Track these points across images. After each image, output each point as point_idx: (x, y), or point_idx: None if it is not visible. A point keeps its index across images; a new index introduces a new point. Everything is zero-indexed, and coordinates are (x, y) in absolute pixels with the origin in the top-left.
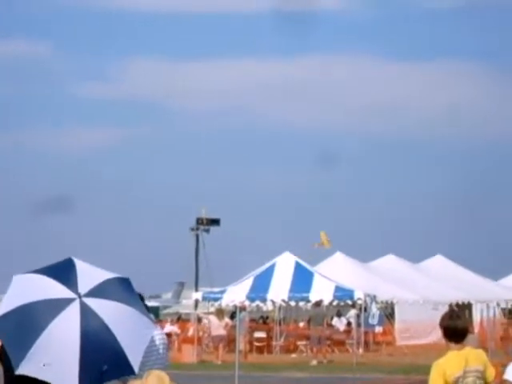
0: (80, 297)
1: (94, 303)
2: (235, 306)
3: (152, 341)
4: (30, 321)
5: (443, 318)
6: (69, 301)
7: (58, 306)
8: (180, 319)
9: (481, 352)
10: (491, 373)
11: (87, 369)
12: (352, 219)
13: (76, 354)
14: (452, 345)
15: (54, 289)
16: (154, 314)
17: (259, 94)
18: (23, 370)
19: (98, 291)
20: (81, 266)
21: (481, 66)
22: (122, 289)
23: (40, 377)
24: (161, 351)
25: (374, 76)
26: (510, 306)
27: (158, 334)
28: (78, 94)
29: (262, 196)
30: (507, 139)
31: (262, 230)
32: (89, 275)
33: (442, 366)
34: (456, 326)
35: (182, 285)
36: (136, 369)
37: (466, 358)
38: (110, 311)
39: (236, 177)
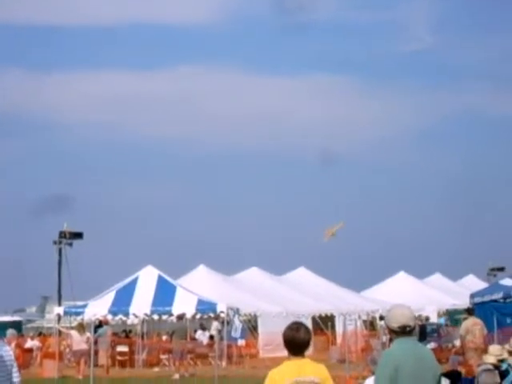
0: None
1: None
2: (97, 320)
3: (1, 358)
4: None
5: (284, 330)
6: None
7: None
8: (42, 334)
9: (321, 366)
10: None
11: None
12: (215, 232)
13: None
14: (290, 356)
15: None
16: (17, 328)
17: (118, 107)
18: None
19: None
20: None
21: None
22: None
23: None
24: (9, 368)
25: (240, 89)
26: (371, 318)
27: (7, 351)
28: None
29: (125, 210)
30: (370, 147)
31: (126, 244)
32: None
33: (273, 375)
34: (294, 337)
35: (46, 299)
36: None
37: (301, 367)
38: None
39: (99, 190)
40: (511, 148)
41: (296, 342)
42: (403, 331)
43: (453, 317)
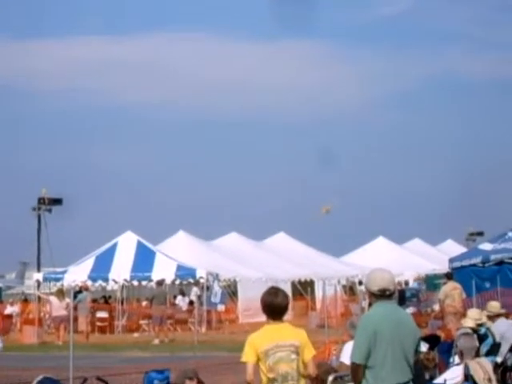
0: None
1: None
2: (77, 286)
3: None
4: None
5: (262, 295)
6: None
7: None
8: (26, 300)
9: (300, 330)
10: (309, 353)
11: None
12: (195, 198)
13: None
14: (269, 320)
15: None
16: None
17: (95, 72)
18: None
19: None
20: None
21: (327, 42)
22: None
23: None
24: None
25: (216, 55)
26: (350, 283)
27: None
28: None
29: (105, 175)
30: (352, 110)
31: (104, 210)
32: None
33: (253, 340)
34: (272, 302)
35: (25, 265)
36: None
37: (280, 332)
38: None
39: (78, 156)
40: (492, 110)
41: (274, 306)
42: (383, 295)
43: (432, 281)
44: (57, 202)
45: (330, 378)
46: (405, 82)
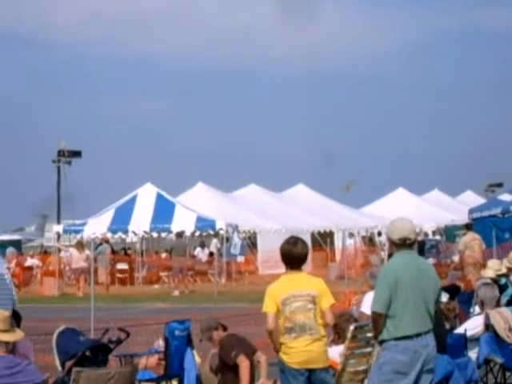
0: None
1: None
2: (97, 238)
3: (2, 277)
4: None
5: (282, 244)
6: None
7: None
8: (45, 252)
9: (318, 280)
10: (327, 301)
11: None
12: (214, 150)
13: None
14: (288, 270)
15: None
16: (17, 247)
17: (118, 23)
18: None
19: None
20: None
21: None
22: None
23: None
24: (10, 286)
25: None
26: (370, 234)
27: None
28: None
29: (124, 127)
30: (365, 60)
31: (124, 162)
32: None
33: (272, 290)
34: (291, 251)
35: (45, 217)
36: None
37: (298, 282)
38: None
39: (97, 108)
40: (507, 60)
41: (293, 255)
42: (403, 244)
43: (451, 232)
44: (76, 154)
45: (351, 327)
46: (420, 33)
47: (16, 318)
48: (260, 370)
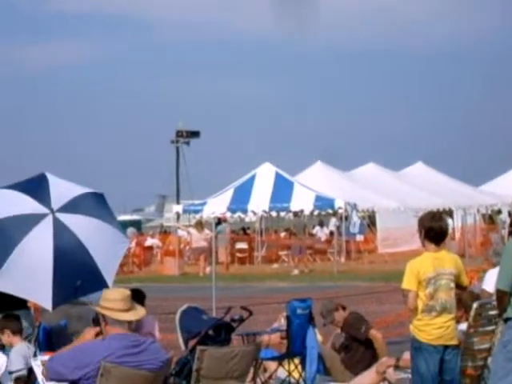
0: (53, 212)
1: (66, 218)
2: (216, 218)
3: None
4: (2, 236)
5: (424, 219)
6: (41, 216)
7: (30, 221)
8: (165, 232)
9: (456, 257)
10: (465, 279)
11: (61, 284)
12: (332, 128)
13: (49, 269)
14: (430, 246)
15: (26, 204)
16: (137, 227)
17: (236, 7)
18: None
19: (71, 206)
20: (54, 181)
21: None
22: (95, 204)
23: (13, 292)
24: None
25: None
26: (490, 212)
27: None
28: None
29: (241, 107)
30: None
31: (242, 141)
32: (62, 190)
33: (415, 266)
34: (439, 226)
35: (164, 198)
36: (110, 283)
37: (440, 259)
38: (83, 226)
39: (215, 88)
40: None
41: (438, 230)
42: None
43: None
44: (194, 134)
45: (475, 304)
46: None
47: (139, 296)
48: (375, 345)
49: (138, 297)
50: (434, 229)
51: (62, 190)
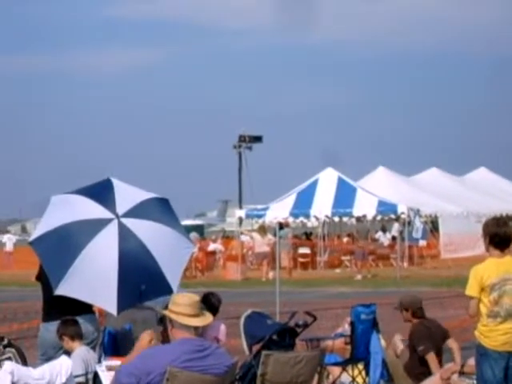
0: (118, 217)
1: (131, 223)
2: (278, 223)
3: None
4: (68, 241)
5: (489, 225)
6: (107, 221)
7: (95, 226)
8: (227, 237)
9: None
10: None
11: (126, 289)
12: (395, 133)
13: (114, 274)
14: (494, 252)
15: (92, 209)
16: (199, 232)
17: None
18: (61, 290)
19: (136, 211)
20: (119, 186)
21: None
22: (160, 209)
23: (78, 297)
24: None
25: None
26: None
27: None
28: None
29: (303, 113)
30: None
31: (304, 147)
32: (127, 195)
33: (479, 272)
34: (504, 232)
35: (226, 203)
36: (175, 288)
37: (505, 265)
38: (148, 231)
39: (277, 94)
40: None
41: (506, 236)
42: None
43: None
44: (257, 139)
45: None
46: None
47: (217, 301)
48: (452, 356)
49: (211, 303)
50: (498, 235)
51: (127, 195)
